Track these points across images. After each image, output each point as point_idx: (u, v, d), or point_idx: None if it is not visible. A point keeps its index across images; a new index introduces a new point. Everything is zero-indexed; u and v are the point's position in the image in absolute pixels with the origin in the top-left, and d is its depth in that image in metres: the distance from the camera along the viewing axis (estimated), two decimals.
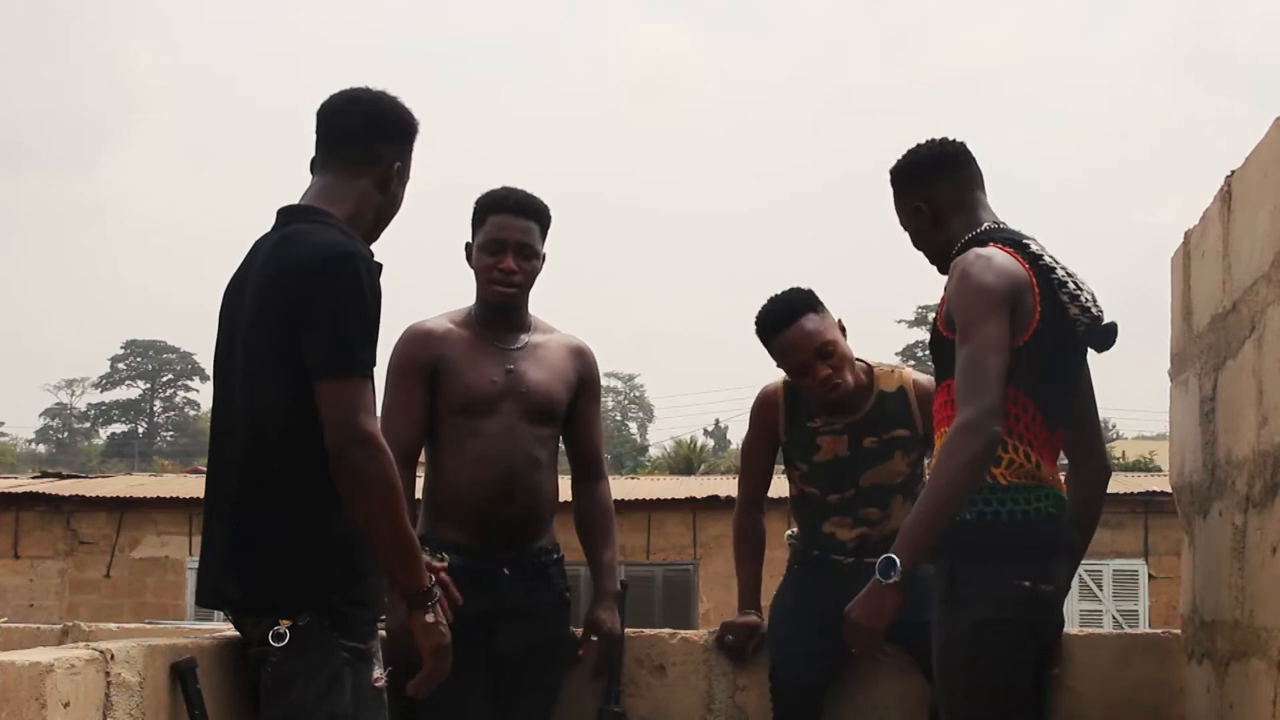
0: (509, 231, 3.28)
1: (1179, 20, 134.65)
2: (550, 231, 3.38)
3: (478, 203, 3.36)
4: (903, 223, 2.96)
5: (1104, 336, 2.79)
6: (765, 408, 3.48)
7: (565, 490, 3.45)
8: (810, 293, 3.35)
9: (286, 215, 2.58)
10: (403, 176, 2.66)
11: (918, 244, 2.96)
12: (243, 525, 2.47)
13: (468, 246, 3.36)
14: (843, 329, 3.37)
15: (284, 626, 2.39)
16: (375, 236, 2.69)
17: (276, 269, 2.46)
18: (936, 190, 2.87)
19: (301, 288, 2.41)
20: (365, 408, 2.38)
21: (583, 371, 3.41)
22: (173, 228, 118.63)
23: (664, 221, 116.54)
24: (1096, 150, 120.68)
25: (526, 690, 3.27)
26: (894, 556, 2.56)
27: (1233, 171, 2.86)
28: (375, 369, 2.46)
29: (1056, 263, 2.77)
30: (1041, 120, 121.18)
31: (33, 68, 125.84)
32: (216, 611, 2.85)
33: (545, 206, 3.36)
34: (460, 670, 3.13)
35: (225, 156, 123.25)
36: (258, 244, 2.59)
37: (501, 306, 3.31)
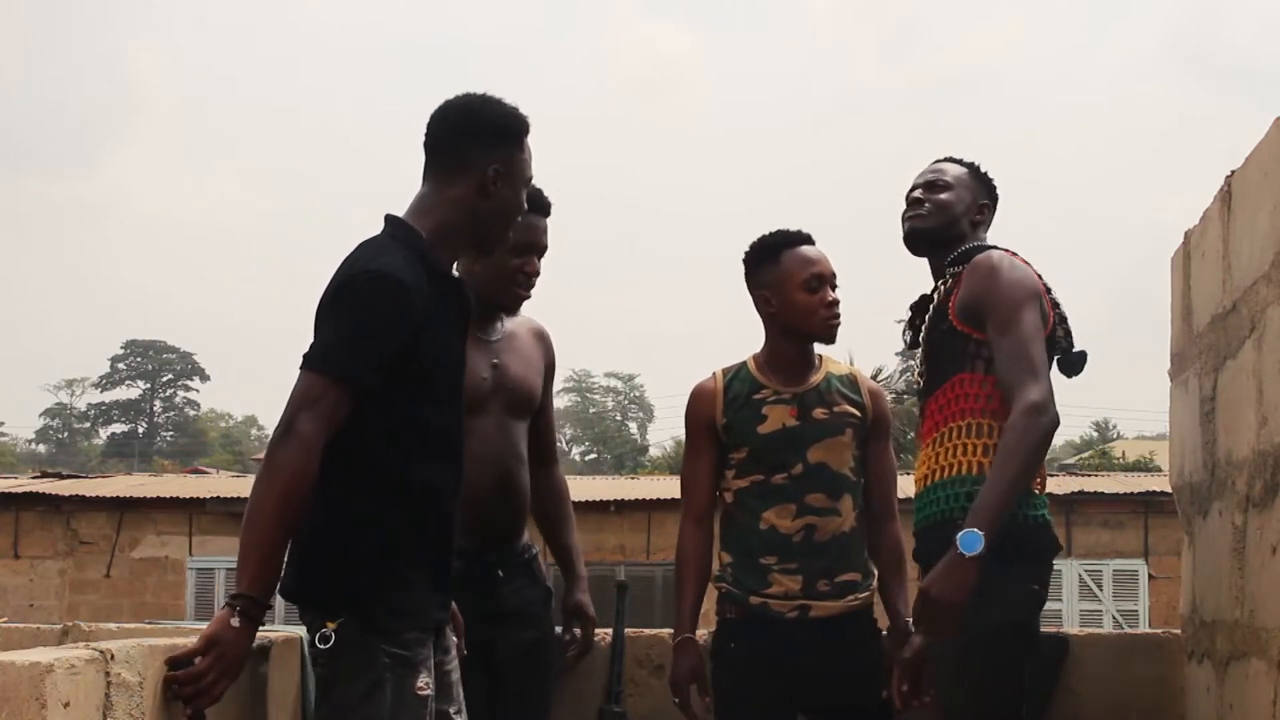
0: (538, 234, 3.22)
1: (1179, 20, 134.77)
2: None
3: None
4: (957, 198, 3.00)
5: (1075, 362, 2.91)
6: (699, 400, 3.25)
7: None
8: None
9: (384, 223, 2.60)
10: (507, 180, 2.59)
11: (938, 218, 2.97)
12: (306, 520, 2.48)
13: None
14: None
15: (329, 629, 2.38)
16: (485, 241, 2.65)
17: (331, 279, 2.50)
18: (991, 210, 3.06)
19: (327, 296, 2.45)
20: (312, 403, 2.34)
21: (548, 358, 3.38)
22: (173, 228, 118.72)
23: (664, 221, 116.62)
24: (1096, 150, 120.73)
25: (526, 689, 3.26)
26: (976, 530, 2.54)
27: (1233, 171, 2.86)
28: (358, 381, 2.38)
29: (1049, 286, 2.90)
30: (1041, 120, 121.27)
31: (33, 67, 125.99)
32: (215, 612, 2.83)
33: None
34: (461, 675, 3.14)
35: (225, 157, 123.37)
36: None
37: (512, 307, 3.30)
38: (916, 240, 3.01)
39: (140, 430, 73.10)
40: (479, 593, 3.16)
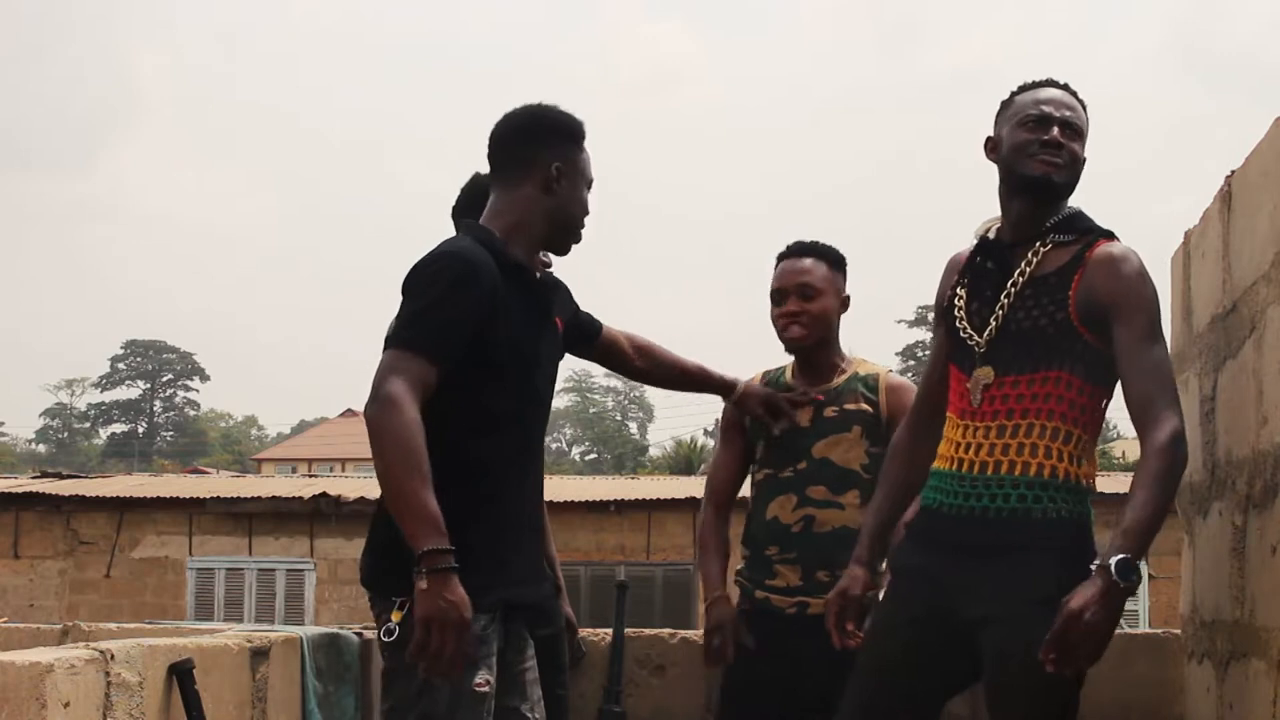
0: None
1: (1179, 20, 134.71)
2: None
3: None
4: (1083, 150, 2.73)
5: None
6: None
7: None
8: (840, 254, 3.40)
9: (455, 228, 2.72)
10: (570, 177, 2.66)
11: (1071, 173, 2.69)
12: (378, 510, 2.55)
13: None
14: (845, 303, 3.38)
15: (394, 622, 2.40)
16: (555, 243, 2.72)
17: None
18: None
19: (402, 289, 2.53)
20: (397, 371, 2.40)
21: None
22: (174, 227, 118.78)
23: (664, 221, 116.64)
24: (1097, 150, 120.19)
25: (546, 684, 3.27)
26: (1132, 559, 2.41)
27: (1233, 171, 2.86)
28: (437, 349, 2.44)
29: None
30: None
31: (35, 67, 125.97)
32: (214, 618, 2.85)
33: None
34: None
35: (226, 156, 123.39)
36: None
37: None
38: (1045, 190, 2.65)
39: (140, 430, 73.09)
40: None
